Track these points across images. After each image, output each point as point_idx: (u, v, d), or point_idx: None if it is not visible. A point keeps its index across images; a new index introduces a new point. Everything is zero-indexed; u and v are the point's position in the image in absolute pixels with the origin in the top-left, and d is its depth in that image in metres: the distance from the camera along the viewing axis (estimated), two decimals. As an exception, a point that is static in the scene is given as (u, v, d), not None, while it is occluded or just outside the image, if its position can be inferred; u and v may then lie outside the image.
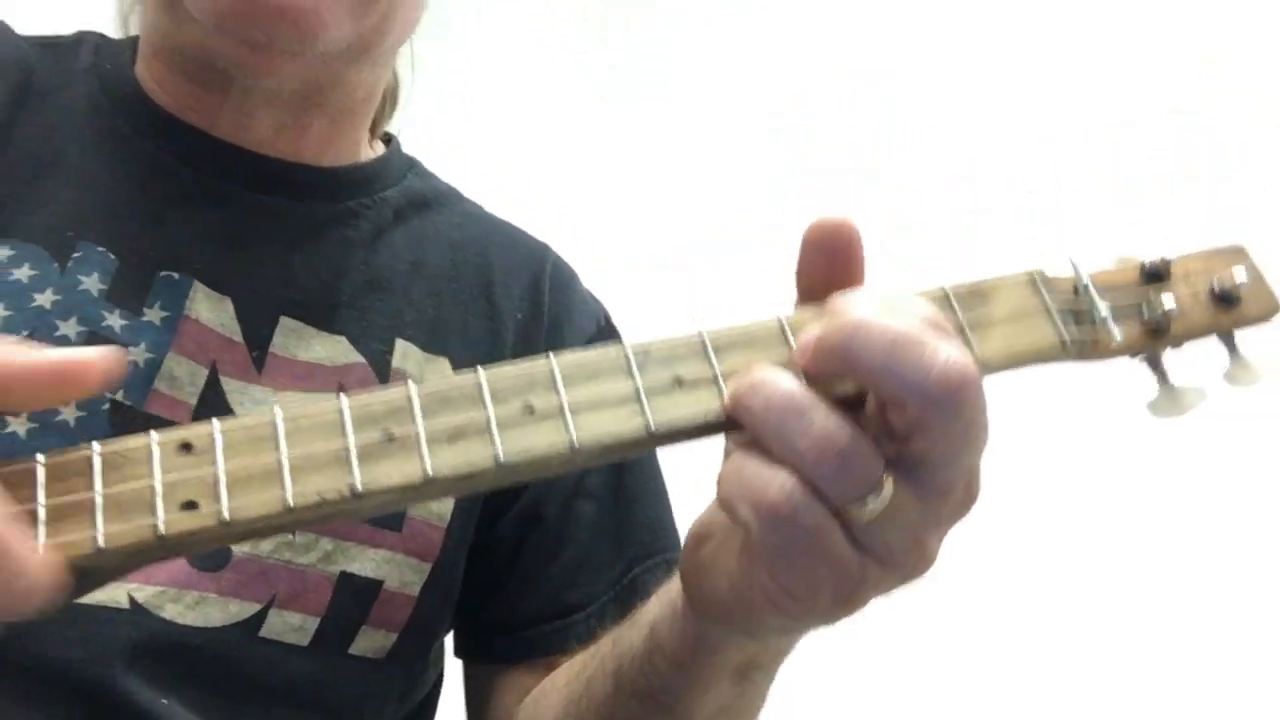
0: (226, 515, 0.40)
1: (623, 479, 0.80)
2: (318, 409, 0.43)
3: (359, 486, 0.42)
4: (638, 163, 2.11)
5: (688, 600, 0.51)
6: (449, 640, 0.82)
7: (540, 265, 0.84)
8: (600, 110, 2.16)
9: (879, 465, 0.42)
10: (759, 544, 0.43)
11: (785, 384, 0.43)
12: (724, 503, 0.44)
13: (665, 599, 0.56)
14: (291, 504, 0.41)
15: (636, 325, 0.89)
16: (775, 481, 0.42)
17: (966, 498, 0.45)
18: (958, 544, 0.49)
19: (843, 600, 0.44)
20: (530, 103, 2.16)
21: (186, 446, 0.42)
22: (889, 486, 0.42)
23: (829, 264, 0.48)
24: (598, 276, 0.90)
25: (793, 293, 0.51)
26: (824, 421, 0.42)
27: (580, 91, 2.17)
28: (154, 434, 0.41)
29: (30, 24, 0.77)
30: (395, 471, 0.42)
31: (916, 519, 0.43)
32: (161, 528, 0.40)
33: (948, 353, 0.41)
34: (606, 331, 0.86)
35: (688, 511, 0.81)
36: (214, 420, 0.42)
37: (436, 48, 0.90)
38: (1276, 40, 1.80)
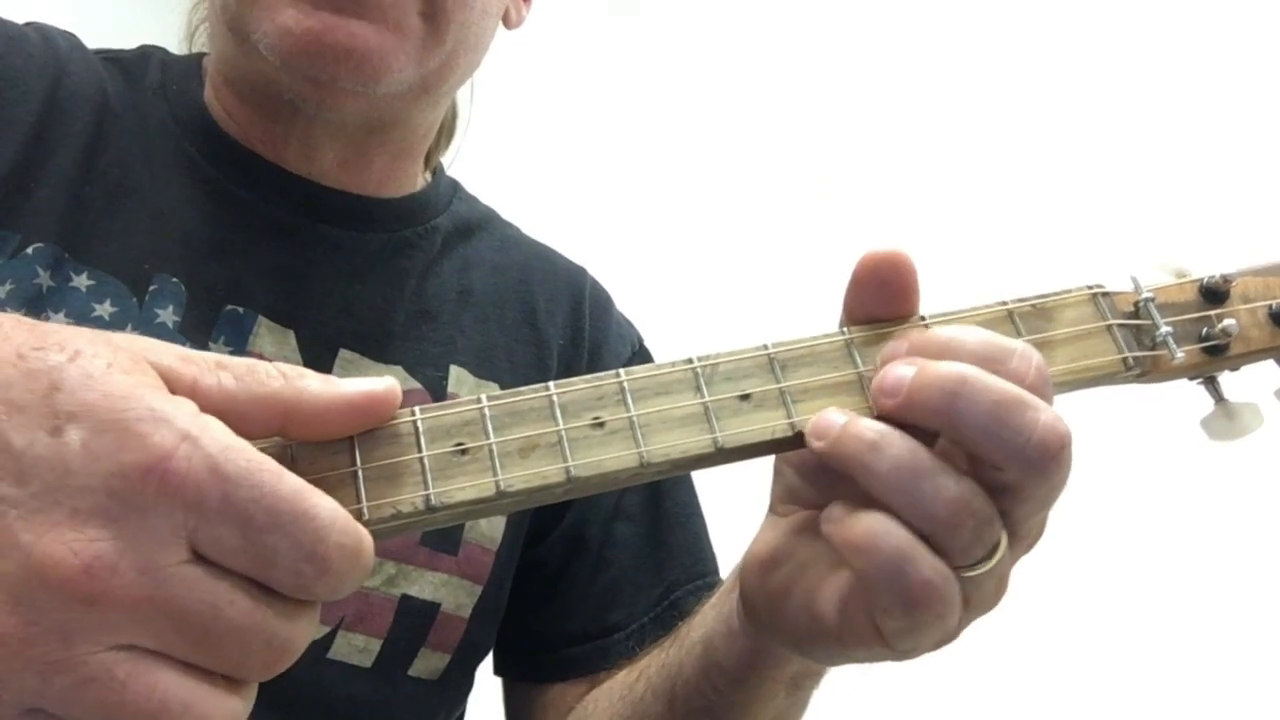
0: (302, 527, 0.41)
1: (661, 502, 0.81)
2: (391, 420, 0.43)
3: (434, 499, 0.42)
4: (637, 163, 2.13)
5: (752, 622, 0.52)
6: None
7: (580, 291, 0.85)
8: (600, 112, 2.17)
9: (1000, 526, 0.42)
10: (894, 624, 0.43)
11: (906, 444, 0.42)
12: (867, 581, 0.42)
13: (718, 617, 0.57)
14: (367, 516, 0.41)
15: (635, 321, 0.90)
16: (935, 580, 0.41)
17: (1038, 536, 0.46)
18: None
19: (937, 648, 0.45)
20: (527, 102, 2.17)
21: (261, 457, 0.42)
22: (1003, 546, 0.43)
23: (883, 298, 0.48)
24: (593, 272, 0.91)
25: (789, 291, 0.50)
26: (957, 487, 0.41)
27: (576, 92, 2.19)
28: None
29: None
30: (469, 485, 0.42)
31: (1005, 564, 0.44)
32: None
33: (1047, 417, 0.41)
34: (640, 356, 0.87)
35: (719, 529, 0.83)
36: None
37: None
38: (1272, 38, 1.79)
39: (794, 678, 0.56)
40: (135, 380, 0.35)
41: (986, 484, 0.43)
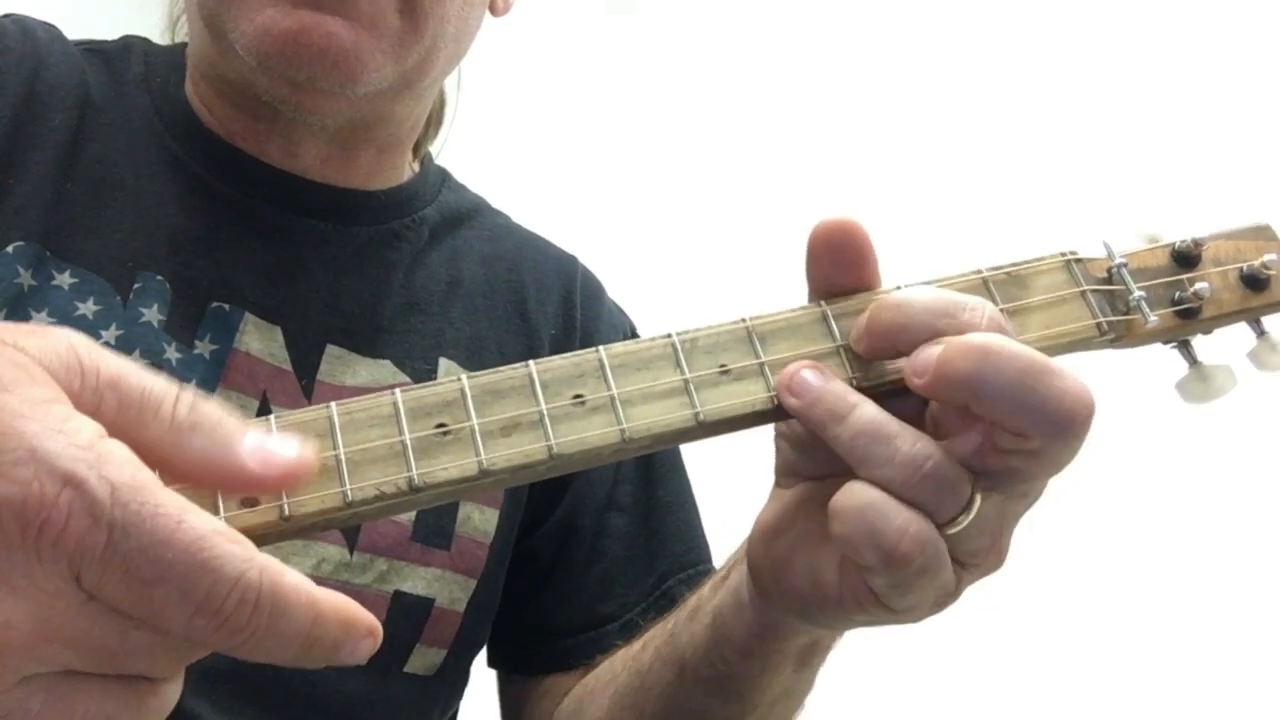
0: (286, 511, 0.41)
1: (654, 492, 0.81)
2: (372, 403, 0.43)
3: (417, 480, 0.42)
4: (633, 159, 2.13)
5: (758, 592, 0.52)
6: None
7: (571, 280, 0.84)
8: (598, 109, 2.17)
9: (968, 484, 0.43)
10: (881, 581, 0.43)
11: (869, 412, 0.43)
12: (844, 543, 0.44)
13: (728, 590, 0.57)
14: (351, 498, 0.41)
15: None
16: (909, 531, 0.42)
17: (1039, 496, 0.47)
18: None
19: (937, 608, 0.46)
20: (526, 99, 2.17)
21: (244, 444, 0.42)
22: (977, 502, 0.43)
23: (839, 266, 0.48)
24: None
25: (783, 287, 0.51)
26: (912, 449, 0.42)
27: (575, 89, 2.19)
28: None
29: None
30: (451, 464, 0.43)
31: (996, 521, 0.45)
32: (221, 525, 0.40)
33: (1073, 383, 0.42)
34: None
35: (715, 521, 0.83)
36: (270, 417, 0.42)
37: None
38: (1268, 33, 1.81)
39: (801, 653, 0.57)
40: (19, 400, 0.32)
41: (999, 444, 0.43)
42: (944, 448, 0.43)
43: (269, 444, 0.37)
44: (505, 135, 2.05)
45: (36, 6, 0.78)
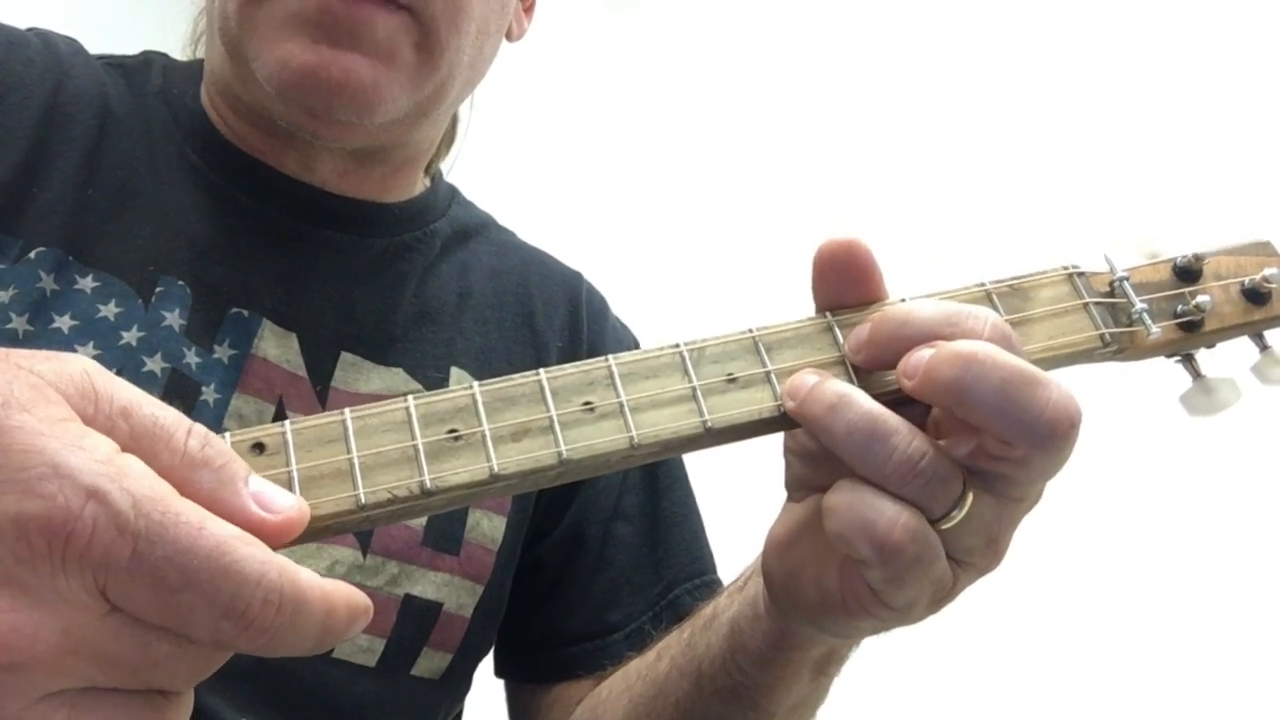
0: (301, 513, 0.41)
1: (659, 503, 0.82)
2: (386, 409, 0.44)
3: (429, 483, 0.43)
4: (636, 162, 2.14)
5: (773, 603, 0.53)
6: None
7: (577, 295, 0.86)
8: (600, 110, 2.18)
9: (960, 481, 0.44)
10: (876, 575, 0.44)
11: (864, 404, 0.44)
12: (839, 538, 0.44)
13: (745, 600, 0.58)
14: (364, 501, 0.42)
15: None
16: (899, 521, 0.43)
17: (1037, 500, 0.47)
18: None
19: (935, 606, 0.46)
20: (526, 101, 2.18)
21: (259, 446, 0.43)
22: (969, 500, 0.44)
23: (845, 284, 0.49)
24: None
25: (791, 294, 0.52)
26: (909, 447, 0.43)
27: (576, 90, 2.20)
28: (227, 434, 0.42)
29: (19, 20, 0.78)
30: (463, 469, 0.43)
31: (993, 522, 0.45)
32: (238, 525, 0.41)
33: (1057, 395, 0.42)
34: None
35: (718, 532, 0.84)
36: (285, 421, 0.43)
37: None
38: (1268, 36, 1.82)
39: (817, 662, 0.57)
40: (37, 419, 0.33)
41: (989, 449, 0.44)
42: (939, 446, 0.44)
43: (270, 491, 0.37)
44: (505, 139, 2.07)
45: (58, 22, 0.80)
